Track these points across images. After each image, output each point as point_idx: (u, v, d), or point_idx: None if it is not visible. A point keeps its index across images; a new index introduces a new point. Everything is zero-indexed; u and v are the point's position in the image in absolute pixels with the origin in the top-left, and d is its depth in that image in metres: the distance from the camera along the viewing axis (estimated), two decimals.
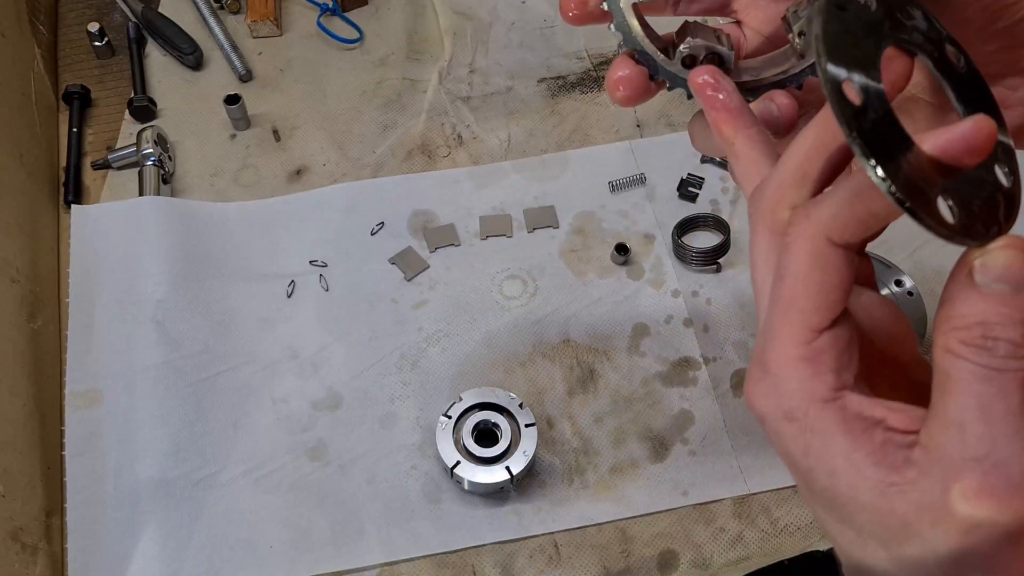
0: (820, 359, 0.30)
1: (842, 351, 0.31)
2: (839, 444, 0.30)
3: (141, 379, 0.67)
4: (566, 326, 0.72)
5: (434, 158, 0.81)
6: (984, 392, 0.27)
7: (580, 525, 0.64)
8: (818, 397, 0.30)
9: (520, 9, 0.91)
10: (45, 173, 0.77)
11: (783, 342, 0.31)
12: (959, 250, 0.29)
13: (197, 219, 0.75)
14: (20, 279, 0.68)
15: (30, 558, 0.59)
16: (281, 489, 0.65)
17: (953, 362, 0.28)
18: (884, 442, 0.29)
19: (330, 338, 0.71)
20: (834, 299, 0.30)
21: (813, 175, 0.32)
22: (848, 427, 0.30)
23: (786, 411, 0.31)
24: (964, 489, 0.27)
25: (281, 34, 0.89)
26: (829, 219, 0.30)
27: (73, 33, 0.89)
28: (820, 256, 0.30)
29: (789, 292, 0.31)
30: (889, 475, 0.29)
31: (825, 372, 0.30)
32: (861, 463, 0.29)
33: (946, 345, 0.28)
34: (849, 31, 0.30)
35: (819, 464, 0.30)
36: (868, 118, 0.28)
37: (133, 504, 0.63)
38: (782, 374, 0.31)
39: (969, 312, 0.28)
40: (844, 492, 0.30)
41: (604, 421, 0.68)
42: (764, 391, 0.31)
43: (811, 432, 0.30)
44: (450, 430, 0.63)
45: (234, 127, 0.82)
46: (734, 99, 0.37)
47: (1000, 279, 0.28)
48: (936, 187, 0.28)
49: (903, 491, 0.29)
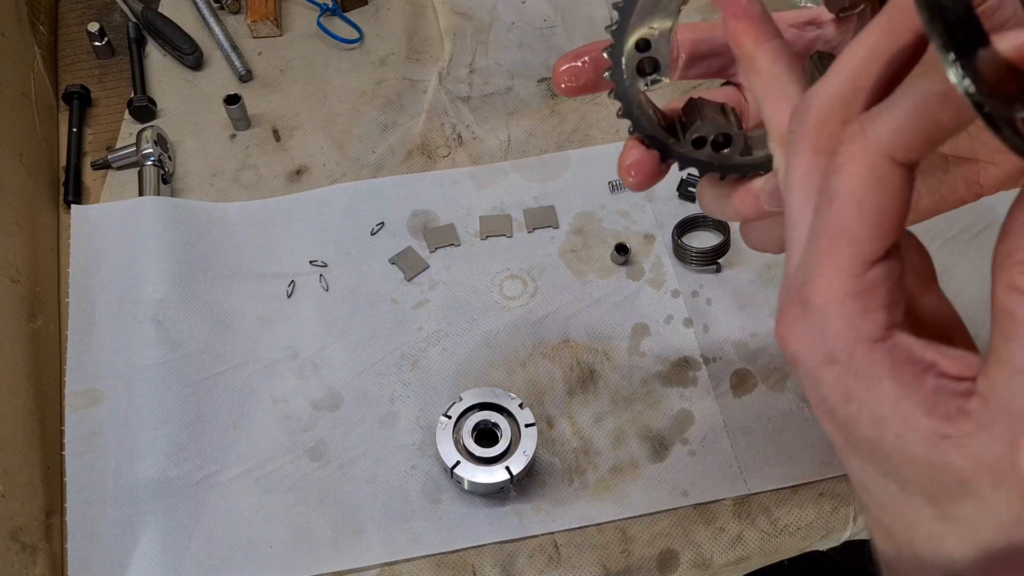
0: (872, 294, 0.27)
1: (894, 285, 0.28)
2: (887, 390, 0.27)
3: (141, 379, 0.67)
4: (566, 326, 0.72)
5: (434, 158, 0.81)
6: None
7: (580, 525, 0.64)
8: (867, 337, 0.27)
9: (520, 9, 0.91)
10: (45, 173, 0.77)
11: (830, 275, 0.27)
12: (958, 250, 0.28)
13: (197, 219, 0.75)
14: (20, 279, 0.68)
15: (30, 558, 0.59)
16: (281, 489, 0.65)
17: (1015, 298, 0.25)
18: (937, 389, 0.27)
19: (330, 338, 0.71)
20: (892, 225, 0.27)
21: (868, 86, 0.28)
22: (898, 371, 0.27)
23: (828, 352, 0.28)
24: None
25: (281, 34, 0.89)
26: (891, 133, 0.27)
27: (73, 33, 0.89)
28: (880, 176, 0.27)
29: (840, 219, 0.27)
30: (944, 426, 0.26)
31: (876, 309, 0.27)
32: (912, 411, 0.26)
33: (1010, 282, 0.25)
34: None
35: (863, 412, 0.27)
36: (948, 8, 0.25)
37: (133, 504, 0.63)
38: (828, 311, 0.28)
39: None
40: (890, 443, 0.27)
41: (604, 421, 0.68)
42: (803, 330, 0.28)
43: (855, 376, 0.27)
44: (450, 430, 0.63)
45: (234, 127, 0.82)
46: (755, 7, 0.33)
47: None
48: (1014, 96, 0.25)
49: (960, 444, 0.26)
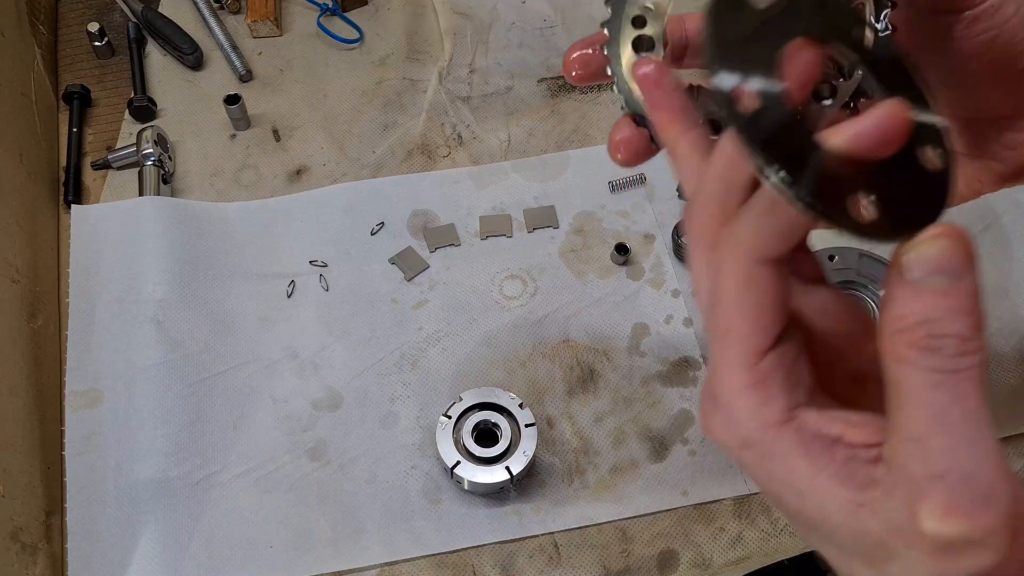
0: (767, 383, 0.29)
1: (789, 370, 0.29)
2: (801, 467, 0.28)
3: (141, 379, 0.67)
4: (566, 326, 0.72)
5: (434, 158, 0.81)
6: (938, 400, 0.25)
7: (580, 525, 0.64)
8: (772, 422, 0.29)
9: (520, 9, 0.91)
10: (45, 173, 0.77)
11: (727, 371, 0.29)
12: None
13: (197, 219, 0.75)
14: (20, 279, 0.68)
15: (30, 558, 0.59)
16: (281, 489, 0.65)
17: (902, 370, 0.26)
18: (847, 459, 0.28)
19: (330, 338, 0.71)
20: (771, 319, 0.29)
21: (739, 186, 0.29)
22: (807, 448, 0.28)
23: (742, 439, 0.30)
24: (931, 509, 0.25)
25: (281, 34, 0.89)
26: (751, 237, 0.28)
27: (73, 33, 0.89)
28: (749, 277, 0.29)
29: (725, 319, 0.29)
30: (857, 494, 0.27)
31: (774, 395, 0.29)
32: (826, 484, 0.28)
33: (893, 352, 0.26)
34: (742, 32, 0.28)
35: (785, 488, 0.29)
36: (766, 123, 0.26)
37: (133, 504, 0.63)
38: (733, 404, 0.29)
39: (909, 312, 0.26)
40: (815, 515, 0.29)
41: (604, 421, 0.68)
42: (719, 423, 0.30)
43: (770, 458, 0.29)
44: (450, 430, 0.63)
45: (234, 127, 0.82)
46: (678, 98, 0.33)
47: (935, 271, 0.26)
48: (853, 184, 0.26)
49: (873, 511, 0.27)
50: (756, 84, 0.27)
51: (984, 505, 0.25)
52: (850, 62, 0.32)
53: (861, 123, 0.26)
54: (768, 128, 0.26)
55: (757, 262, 0.28)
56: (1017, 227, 0.76)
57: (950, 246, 0.26)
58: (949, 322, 0.25)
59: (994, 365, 0.71)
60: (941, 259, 0.26)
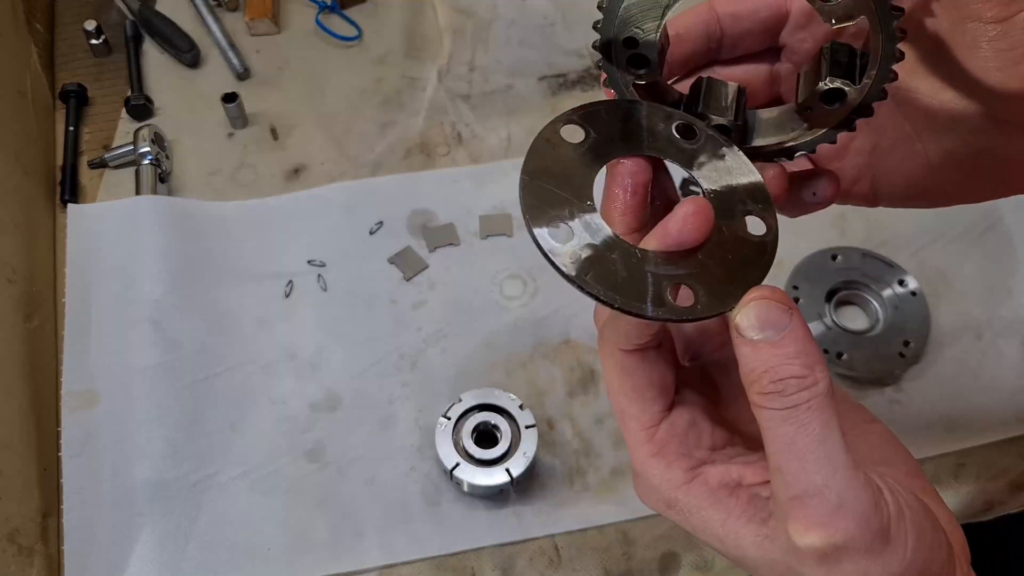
0: (666, 451, 0.33)
1: (684, 434, 0.34)
2: (713, 516, 0.33)
3: (138, 380, 0.67)
4: (567, 326, 0.72)
5: (433, 157, 0.81)
6: (786, 432, 0.29)
7: (581, 527, 0.63)
8: (678, 482, 0.33)
9: (520, 7, 0.90)
10: (41, 172, 0.77)
11: (634, 447, 0.34)
12: (962, 250, 0.30)
13: (194, 218, 0.75)
14: (16, 279, 0.67)
15: (26, 560, 0.58)
16: (279, 491, 0.64)
17: (760, 414, 0.30)
18: (750, 499, 0.32)
19: (328, 338, 0.70)
20: (652, 396, 0.34)
21: None
22: (715, 498, 0.33)
23: (665, 501, 0.34)
24: (795, 527, 0.30)
25: (279, 32, 0.89)
26: (612, 333, 0.34)
27: (70, 31, 0.88)
28: (621, 366, 0.34)
29: (617, 404, 0.34)
30: (760, 528, 0.32)
31: (675, 458, 0.33)
32: (736, 525, 0.32)
33: (752, 400, 0.31)
34: (554, 174, 0.33)
35: (708, 536, 0.33)
36: (586, 251, 0.32)
37: (130, 506, 0.62)
38: (646, 473, 0.34)
39: (755, 365, 0.30)
40: (737, 555, 0.33)
41: (605, 422, 0.67)
42: (643, 492, 0.35)
43: (688, 512, 0.33)
44: (449, 431, 0.63)
45: (232, 125, 0.82)
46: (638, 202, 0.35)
47: (762, 328, 0.30)
48: (673, 275, 0.31)
49: (772, 541, 0.31)
50: (572, 219, 0.32)
51: (837, 514, 0.29)
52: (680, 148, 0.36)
53: (663, 226, 0.31)
54: (592, 258, 0.31)
55: (624, 353, 0.33)
56: (1020, 227, 0.76)
57: (767, 306, 0.30)
58: (785, 367, 0.30)
59: (995, 365, 0.71)
60: (762, 319, 0.30)
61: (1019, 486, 0.66)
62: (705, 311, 0.31)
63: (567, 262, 0.31)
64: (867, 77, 0.34)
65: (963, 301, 0.73)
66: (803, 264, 0.73)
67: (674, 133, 0.36)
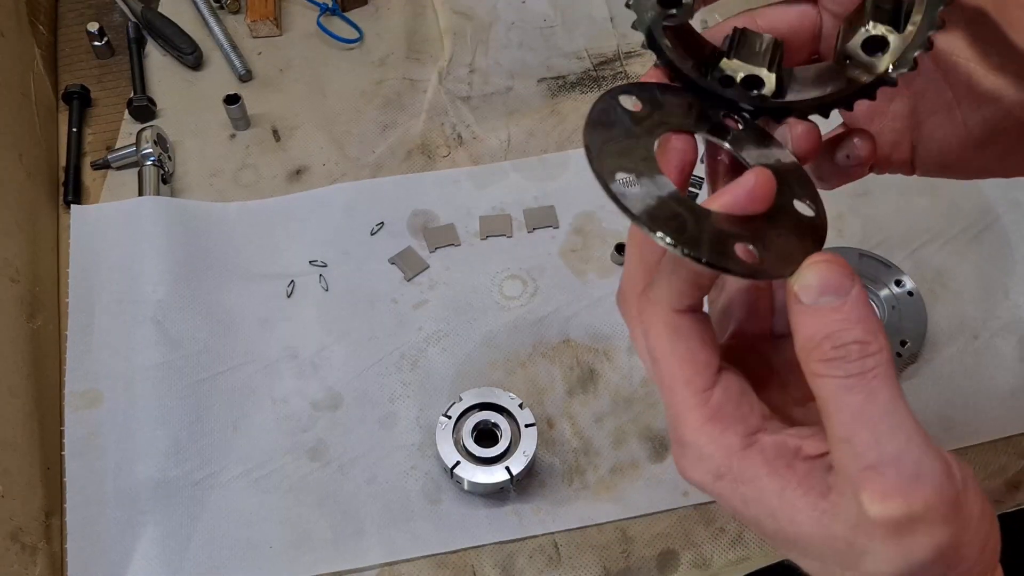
0: (721, 414, 0.32)
1: (739, 398, 0.33)
2: (769, 485, 0.31)
3: (141, 379, 0.67)
4: (566, 326, 0.72)
5: (434, 158, 0.81)
6: (854, 401, 0.29)
7: (580, 525, 0.64)
8: (735, 448, 0.32)
9: (520, 9, 0.91)
10: (45, 173, 0.77)
11: (684, 414, 0.32)
12: (959, 250, 0.30)
13: (197, 219, 0.75)
14: (20, 279, 0.67)
15: (29, 558, 0.59)
16: (281, 489, 0.65)
17: (820, 383, 0.29)
18: (808, 471, 0.31)
19: (330, 338, 0.71)
20: (705, 359, 0.32)
21: (651, 261, 0.34)
22: (772, 467, 0.31)
23: (714, 472, 0.32)
24: (870, 496, 0.28)
25: (281, 34, 0.89)
26: (666, 293, 0.32)
27: (73, 33, 0.89)
28: (675, 327, 0.32)
29: (667, 369, 0.33)
30: (819, 502, 0.30)
31: (731, 423, 0.32)
32: (793, 497, 0.31)
33: (810, 370, 0.30)
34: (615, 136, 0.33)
35: (759, 510, 0.31)
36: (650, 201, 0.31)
37: (133, 504, 0.63)
38: (698, 441, 0.32)
39: (814, 331, 0.29)
40: (789, 530, 0.31)
41: (604, 421, 0.68)
42: (690, 463, 0.33)
43: (742, 483, 0.32)
44: (450, 430, 0.63)
45: (234, 127, 0.82)
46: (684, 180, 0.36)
47: (822, 292, 0.29)
48: (739, 236, 0.31)
49: (834, 515, 0.30)
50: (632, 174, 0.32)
51: (915, 482, 0.28)
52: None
53: (733, 189, 0.31)
54: (659, 208, 0.31)
55: (676, 313, 0.32)
56: (1017, 226, 0.76)
57: (829, 269, 0.30)
58: (847, 332, 0.29)
59: (992, 365, 0.71)
60: (825, 281, 0.30)
61: (1016, 485, 0.66)
62: (771, 271, 0.30)
63: (635, 204, 0.30)
64: (911, 23, 0.33)
65: (960, 301, 0.73)
66: None
67: (721, 119, 0.37)
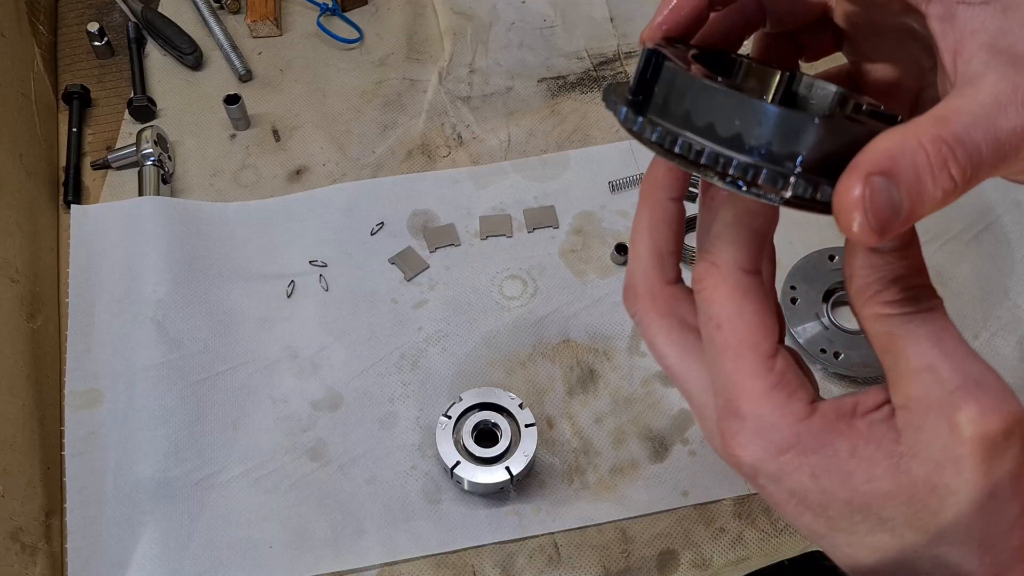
0: (787, 380, 0.31)
1: (797, 365, 0.32)
2: (841, 447, 0.30)
3: (141, 379, 0.67)
4: (566, 326, 0.72)
5: (434, 158, 0.81)
6: (931, 331, 0.29)
7: (580, 525, 0.64)
8: (802, 415, 0.30)
9: (520, 9, 0.91)
10: (45, 173, 0.77)
11: (747, 381, 0.31)
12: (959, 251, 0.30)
13: (197, 219, 0.75)
14: (20, 279, 0.67)
15: (30, 558, 0.59)
16: (281, 489, 0.65)
17: (892, 322, 0.29)
18: (869, 425, 0.30)
19: (330, 338, 0.71)
20: (772, 322, 0.31)
21: (668, 248, 0.34)
22: (839, 429, 0.30)
23: (777, 444, 0.31)
24: (969, 415, 0.28)
25: (281, 34, 0.89)
26: (733, 252, 0.31)
27: (73, 33, 0.89)
28: (745, 289, 0.31)
29: (732, 335, 0.31)
30: (894, 447, 0.29)
31: (796, 389, 0.31)
32: (867, 452, 0.30)
33: (878, 312, 0.30)
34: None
35: (831, 480, 0.30)
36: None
37: (133, 504, 0.63)
38: (761, 410, 0.31)
39: (885, 274, 0.29)
40: (866, 491, 0.30)
41: (604, 421, 0.68)
42: (748, 438, 0.31)
43: (811, 452, 0.30)
44: (450, 430, 0.63)
45: (234, 127, 0.82)
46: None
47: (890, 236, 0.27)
48: None
49: (913, 455, 0.29)
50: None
51: (1006, 399, 0.28)
52: None
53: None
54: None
55: (744, 272, 0.31)
56: (1017, 227, 0.77)
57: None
58: (915, 277, 0.30)
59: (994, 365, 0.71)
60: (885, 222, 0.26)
61: None
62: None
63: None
64: None
65: (959, 301, 0.73)
66: (800, 264, 0.73)
67: None
